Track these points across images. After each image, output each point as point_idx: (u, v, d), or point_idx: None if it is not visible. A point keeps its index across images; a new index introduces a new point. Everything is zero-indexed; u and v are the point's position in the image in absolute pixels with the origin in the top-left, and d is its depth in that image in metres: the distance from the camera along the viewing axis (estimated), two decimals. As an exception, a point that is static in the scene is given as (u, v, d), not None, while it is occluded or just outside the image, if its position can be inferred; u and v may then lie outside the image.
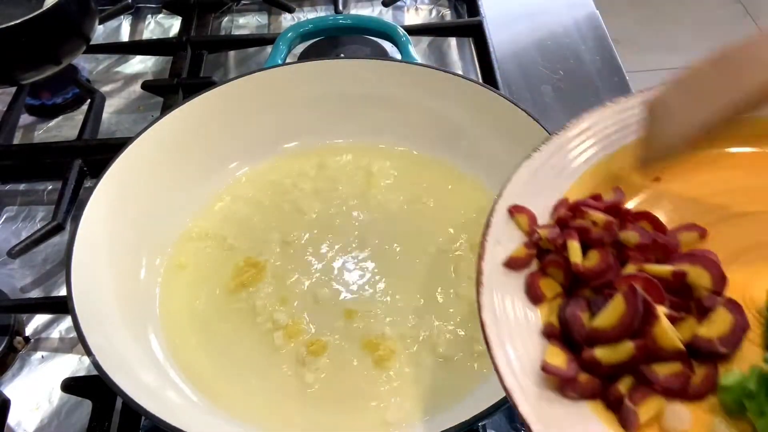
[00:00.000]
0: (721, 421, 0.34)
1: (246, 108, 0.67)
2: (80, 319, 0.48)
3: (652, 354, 0.36)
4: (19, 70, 0.73)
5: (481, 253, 0.40)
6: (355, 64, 0.68)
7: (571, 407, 0.35)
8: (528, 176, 0.44)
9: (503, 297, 0.39)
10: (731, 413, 0.34)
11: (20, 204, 0.72)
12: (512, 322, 0.38)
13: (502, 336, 0.37)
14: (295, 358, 0.54)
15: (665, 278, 0.38)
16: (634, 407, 0.34)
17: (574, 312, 0.38)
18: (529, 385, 0.35)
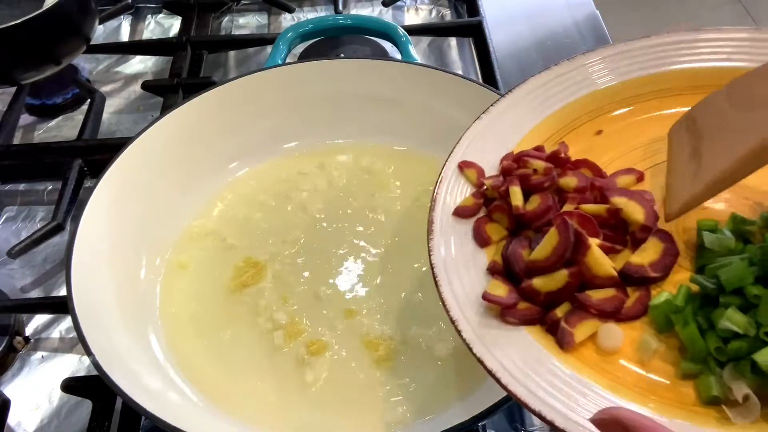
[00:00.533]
0: (650, 336, 0.37)
1: (246, 108, 0.67)
2: (80, 319, 0.48)
3: (587, 281, 0.39)
4: (19, 70, 0.73)
5: (433, 205, 0.44)
6: (355, 64, 0.68)
7: (511, 331, 0.38)
8: (477, 135, 0.48)
9: (452, 241, 0.42)
10: (661, 330, 0.37)
11: (20, 204, 0.72)
12: (459, 262, 0.41)
13: (450, 274, 0.40)
14: (295, 358, 0.54)
15: (601, 215, 0.41)
16: (569, 328, 0.37)
17: (516, 249, 0.41)
18: (472, 315, 0.38)
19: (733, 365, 0.34)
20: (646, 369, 0.37)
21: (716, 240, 0.39)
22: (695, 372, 0.36)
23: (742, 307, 0.35)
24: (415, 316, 0.56)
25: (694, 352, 0.36)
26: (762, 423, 0.33)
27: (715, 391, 0.34)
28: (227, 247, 0.62)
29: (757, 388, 0.33)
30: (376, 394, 0.51)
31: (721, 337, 0.35)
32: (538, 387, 0.35)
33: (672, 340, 0.37)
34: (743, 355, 0.34)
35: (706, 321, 0.36)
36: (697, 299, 0.37)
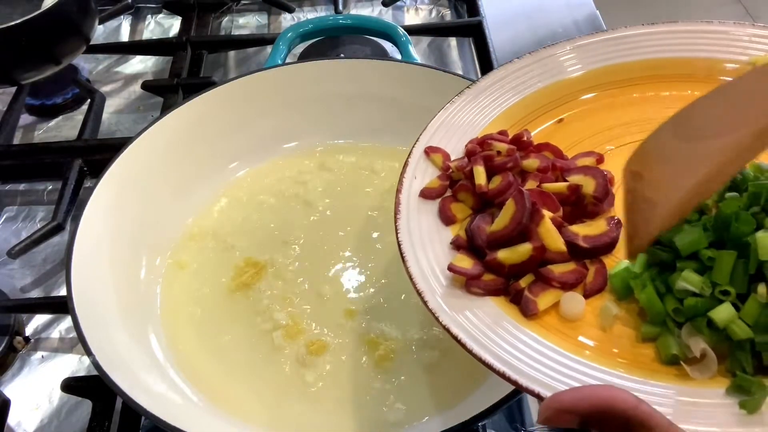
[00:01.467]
0: (610, 301, 0.39)
1: (246, 108, 0.67)
2: (80, 319, 0.48)
3: (548, 256, 0.41)
4: (19, 70, 0.73)
5: (399, 187, 0.46)
6: (355, 64, 0.68)
7: (476, 301, 0.40)
8: (443, 122, 0.50)
9: (419, 220, 0.44)
10: (620, 298, 0.39)
11: (20, 204, 0.72)
12: (425, 239, 0.43)
13: (416, 250, 0.42)
14: (295, 358, 0.54)
15: (562, 193, 0.43)
16: (533, 297, 0.39)
17: (479, 224, 0.42)
18: (438, 287, 0.40)
19: (691, 323, 0.36)
20: (608, 334, 0.38)
21: None
22: (655, 335, 0.37)
23: (698, 270, 0.37)
24: (415, 317, 0.56)
25: (653, 314, 0.37)
26: (719, 377, 0.35)
27: (674, 350, 0.36)
28: (227, 247, 0.62)
29: (714, 344, 0.35)
30: (376, 394, 0.51)
31: (678, 299, 0.37)
32: (502, 350, 0.37)
33: (632, 307, 0.39)
34: (699, 313, 0.36)
35: (664, 285, 0.37)
36: (654, 267, 0.39)
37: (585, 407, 0.29)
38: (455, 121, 0.50)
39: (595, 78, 0.52)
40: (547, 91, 0.52)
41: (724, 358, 0.35)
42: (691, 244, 0.37)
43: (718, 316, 0.34)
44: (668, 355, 0.36)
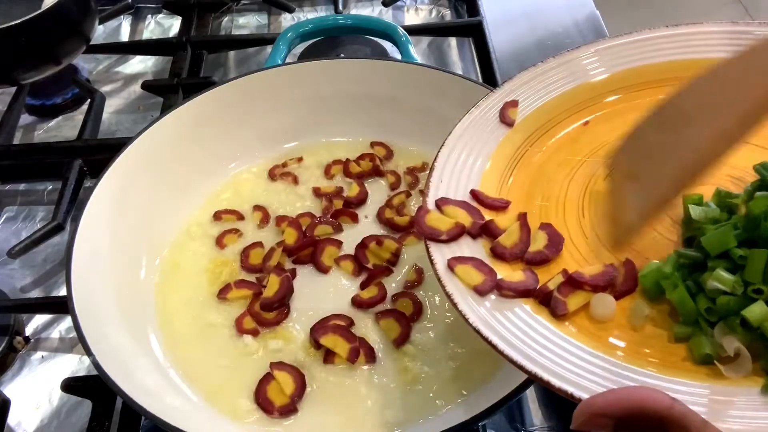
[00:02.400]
0: (641, 302, 0.39)
1: (246, 108, 0.67)
2: (80, 319, 0.48)
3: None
4: (19, 70, 0.73)
5: (426, 191, 0.46)
6: (355, 64, 0.68)
7: (506, 302, 0.39)
8: (470, 125, 0.50)
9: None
10: (651, 298, 0.39)
11: (20, 204, 0.72)
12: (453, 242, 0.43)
13: (444, 254, 0.42)
14: (294, 359, 0.53)
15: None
16: (563, 298, 0.39)
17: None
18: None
19: (724, 322, 0.36)
20: (640, 335, 0.38)
21: (701, 212, 0.40)
22: (687, 334, 0.37)
23: (730, 269, 0.36)
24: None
25: (685, 314, 0.37)
26: (754, 376, 0.34)
27: (707, 349, 0.35)
28: (227, 247, 0.62)
29: (748, 343, 0.35)
30: (376, 394, 0.51)
31: (710, 298, 0.36)
32: (533, 351, 0.36)
33: (663, 307, 0.39)
34: (732, 312, 0.35)
35: (695, 285, 0.37)
36: (685, 267, 0.39)
37: (619, 410, 0.29)
38: (481, 124, 0.50)
39: (620, 80, 0.51)
40: (572, 93, 0.51)
41: (758, 356, 0.35)
42: (720, 244, 0.37)
43: (752, 315, 0.34)
44: (701, 355, 0.35)
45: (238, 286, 0.58)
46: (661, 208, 0.40)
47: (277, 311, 0.56)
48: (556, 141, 0.50)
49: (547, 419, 0.53)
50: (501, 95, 0.52)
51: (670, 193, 0.39)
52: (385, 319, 0.55)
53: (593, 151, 0.48)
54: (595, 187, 0.47)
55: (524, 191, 0.48)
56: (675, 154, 0.39)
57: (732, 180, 0.44)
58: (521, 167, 0.49)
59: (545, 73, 0.52)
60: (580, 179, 0.48)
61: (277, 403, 0.50)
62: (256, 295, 0.57)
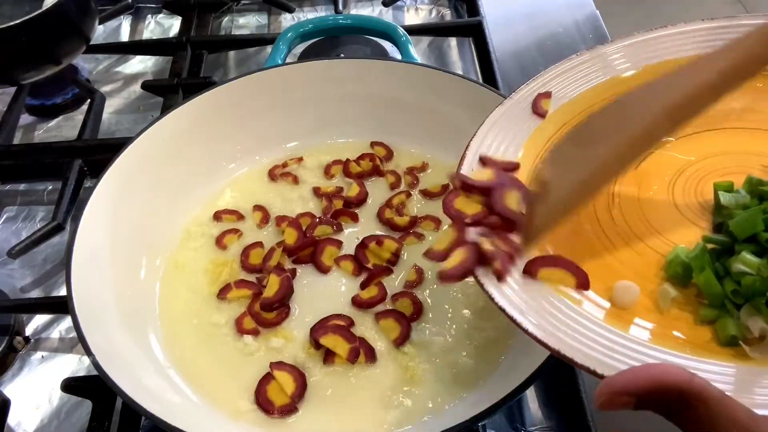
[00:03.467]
0: (668, 285, 0.39)
1: (246, 108, 0.67)
2: (80, 319, 0.48)
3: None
4: (19, 70, 0.73)
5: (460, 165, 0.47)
6: (355, 64, 0.68)
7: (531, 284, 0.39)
8: (500, 117, 0.50)
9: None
10: (678, 283, 0.39)
11: (20, 204, 0.72)
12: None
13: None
14: (294, 359, 0.53)
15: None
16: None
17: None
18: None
19: (750, 304, 0.36)
20: (666, 317, 0.38)
21: (732, 198, 0.41)
22: (714, 317, 0.37)
23: (757, 252, 0.37)
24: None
25: (711, 296, 0.37)
26: None
27: (733, 331, 0.36)
28: (227, 248, 0.62)
29: None
30: (376, 394, 0.51)
31: (736, 281, 0.37)
32: (556, 329, 0.36)
33: (689, 291, 0.39)
34: (758, 293, 0.36)
35: (723, 268, 0.38)
36: (714, 252, 0.39)
37: (638, 387, 0.29)
38: (514, 115, 0.50)
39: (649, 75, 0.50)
40: (603, 87, 0.51)
41: None
42: (748, 228, 0.37)
43: None
44: (727, 337, 0.36)
45: (238, 286, 0.58)
46: (562, 213, 0.42)
47: (277, 311, 0.56)
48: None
49: (547, 419, 0.53)
50: (534, 86, 0.52)
51: (571, 201, 0.41)
52: (385, 319, 0.55)
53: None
54: (626, 173, 0.47)
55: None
56: (578, 166, 0.41)
57: (764, 168, 0.44)
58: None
59: (578, 66, 0.52)
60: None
61: (277, 403, 0.50)
62: (256, 295, 0.57)
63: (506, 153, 0.48)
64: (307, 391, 0.52)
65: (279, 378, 0.51)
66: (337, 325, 0.54)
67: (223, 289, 0.58)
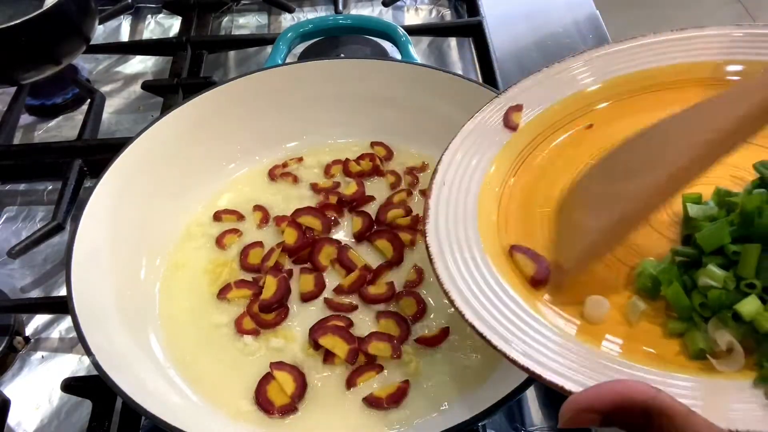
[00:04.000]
0: (637, 298, 0.39)
1: (246, 108, 0.67)
2: (80, 319, 0.48)
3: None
4: (19, 70, 0.73)
5: (429, 193, 0.47)
6: (355, 64, 0.68)
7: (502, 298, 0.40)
8: (474, 130, 0.51)
9: (446, 226, 0.45)
10: (647, 296, 0.39)
11: (20, 204, 0.72)
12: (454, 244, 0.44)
13: (445, 256, 0.43)
14: (293, 359, 0.53)
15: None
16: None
17: None
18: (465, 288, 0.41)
19: (717, 317, 0.36)
20: (635, 330, 0.38)
21: (700, 210, 0.41)
22: (682, 330, 0.37)
23: (724, 265, 0.37)
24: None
25: (679, 309, 0.38)
26: (746, 370, 0.34)
27: (701, 344, 0.36)
28: (227, 248, 0.62)
29: (741, 338, 0.35)
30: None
31: (704, 294, 0.37)
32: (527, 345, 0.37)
33: (658, 304, 0.39)
34: (725, 306, 0.36)
35: (691, 281, 0.38)
36: (682, 264, 0.39)
37: (603, 404, 0.29)
38: (485, 128, 0.51)
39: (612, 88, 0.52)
40: (572, 100, 0.52)
41: (751, 351, 0.35)
42: (714, 240, 0.37)
43: (744, 309, 0.35)
44: (695, 350, 0.36)
45: (238, 286, 0.58)
46: (589, 260, 0.41)
47: (276, 312, 0.56)
48: (559, 144, 0.51)
49: (547, 419, 0.53)
50: (505, 100, 0.52)
51: (600, 248, 0.41)
52: (386, 319, 0.55)
53: (596, 153, 0.49)
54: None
55: (525, 192, 0.48)
56: (608, 206, 0.41)
57: (733, 179, 0.44)
58: (524, 169, 0.50)
59: (547, 79, 0.53)
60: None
61: (277, 403, 0.50)
62: (256, 295, 0.57)
63: (478, 167, 0.49)
64: (307, 391, 0.52)
65: (279, 378, 0.51)
66: (336, 326, 0.54)
67: (223, 289, 0.58)
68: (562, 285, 0.42)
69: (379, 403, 0.50)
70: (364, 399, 0.51)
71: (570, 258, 0.42)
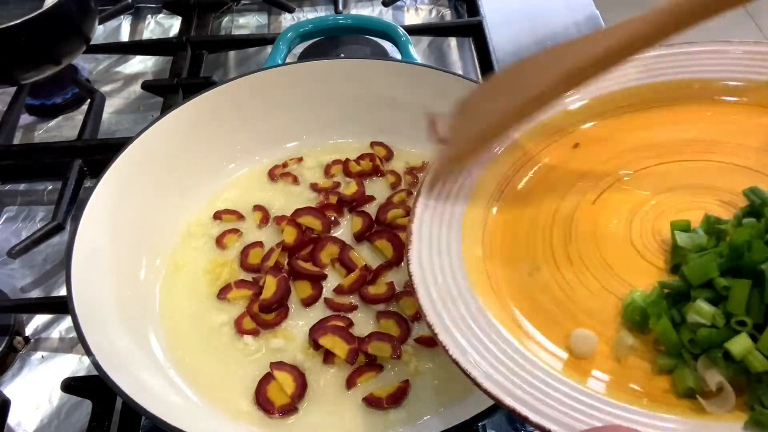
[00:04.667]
0: (625, 332, 0.38)
1: (246, 108, 0.67)
2: (80, 319, 0.48)
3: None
4: (19, 70, 0.73)
5: (411, 217, 0.46)
6: (355, 64, 0.68)
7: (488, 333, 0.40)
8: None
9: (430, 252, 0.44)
10: (635, 329, 0.38)
11: (20, 204, 0.72)
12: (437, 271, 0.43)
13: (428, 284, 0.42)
14: (293, 359, 0.53)
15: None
16: None
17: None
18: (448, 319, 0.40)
19: (706, 355, 0.35)
20: (623, 366, 0.37)
21: (688, 239, 0.39)
22: (671, 366, 0.36)
23: (713, 299, 0.36)
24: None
25: (668, 345, 0.36)
26: (737, 411, 0.33)
27: (690, 383, 0.35)
28: (227, 248, 0.62)
29: (731, 377, 0.34)
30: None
31: (693, 330, 0.35)
32: (513, 384, 0.36)
33: (647, 337, 0.38)
34: (715, 344, 0.35)
35: (680, 315, 0.36)
36: (670, 296, 0.38)
37: None
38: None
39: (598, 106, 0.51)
40: (557, 118, 0.51)
41: (742, 391, 0.34)
42: (702, 274, 0.36)
43: (735, 348, 0.33)
44: (684, 389, 0.35)
45: (238, 286, 0.58)
46: (463, 156, 0.48)
47: (276, 312, 0.56)
48: (545, 165, 0.50)
49: (547, 419, 0.53)
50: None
51: (470, 144, 0.47)
52: (386, 319, 0.55)
53: (585, 174, 0.48)
54: (584, 209, 0.46)
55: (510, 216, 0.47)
56: (479, 118, 0.47)
57: (722, 204, 0.43)
58: (509, 192, 0.49)
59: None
60: (569, 203, 0.47)
61: (278, 403, 0.50)
62: (256, 296, 0.57)
63: (461, 190, 0.48)
64: (307, 391, 0.52)
65: (279, 378, 0.51)
66: (336, 326, 0.54)
67: (223, 289, 0.58)
68: (439, 170, 0.47)
69: (379, 403, 0.50)
70: (364, 399, 0.51)
71: (446, 152, 0.48)
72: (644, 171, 0.47)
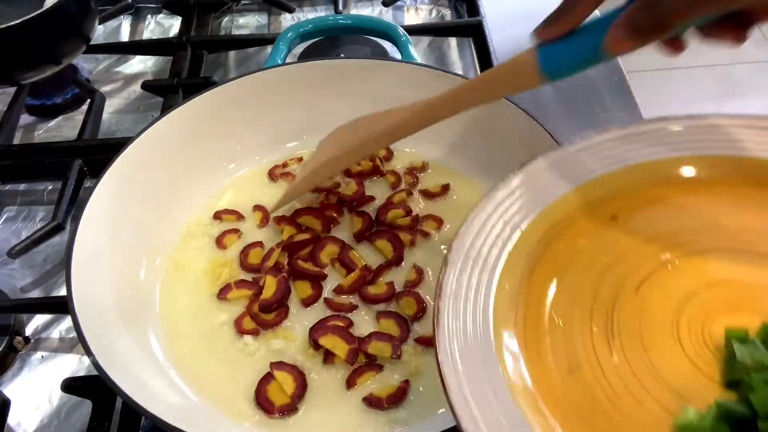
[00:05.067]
0: None
1: (246, 108, 0.67)
2: (80, 319, 0.48)
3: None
4: (19, 70, 0.73)
5: (439, 292, 0.40)
6: (355, 64, 0.68)
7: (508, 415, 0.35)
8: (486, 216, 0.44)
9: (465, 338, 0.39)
10: None
11: (20, 204, 0.72)
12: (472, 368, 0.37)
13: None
14: (293, 359, 0.53)
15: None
16: None
17: None
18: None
19: None
20: None
21: (748, 354, 0.35)
22: None
23: None
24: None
25: None
26: None
27: None
28: (227, 248, 0.62)
29: None
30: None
31: None
32: None
33: None
34: None
35: None
36: (729, 420, 0.34)
37: None
38: (495, 216, 0.44)
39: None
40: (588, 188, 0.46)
41: None
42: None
43: None
44: None
45: (238, 286, 0.58)
46: (297, 191, 0.61)
47: (276, 312, 0.56)
48: (579, 238, 0.44)
49: (547, 419, 0.53)
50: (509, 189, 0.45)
51: (303, 184, 0.60)
52: (386, 319, 0.55)
53: (619, 255, 0.43)
54: (626, 298, 0.41)
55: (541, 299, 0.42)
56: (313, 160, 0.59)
57: None
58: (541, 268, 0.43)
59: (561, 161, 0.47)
60: (609, 288, 0.41)
61: (278, 403, 0.50)
62: (256, 295, 0.57)
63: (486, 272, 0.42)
64: (307, 391, 0.52)
65: (279, 378, 0.51)
66: (336, 326, 0.54)
67: (223, 289, 0.58)
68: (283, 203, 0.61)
69: (379, 403, 0.50)
70: (364, 399, 0.51)
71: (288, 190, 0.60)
72: (691, 257, 0.42)
